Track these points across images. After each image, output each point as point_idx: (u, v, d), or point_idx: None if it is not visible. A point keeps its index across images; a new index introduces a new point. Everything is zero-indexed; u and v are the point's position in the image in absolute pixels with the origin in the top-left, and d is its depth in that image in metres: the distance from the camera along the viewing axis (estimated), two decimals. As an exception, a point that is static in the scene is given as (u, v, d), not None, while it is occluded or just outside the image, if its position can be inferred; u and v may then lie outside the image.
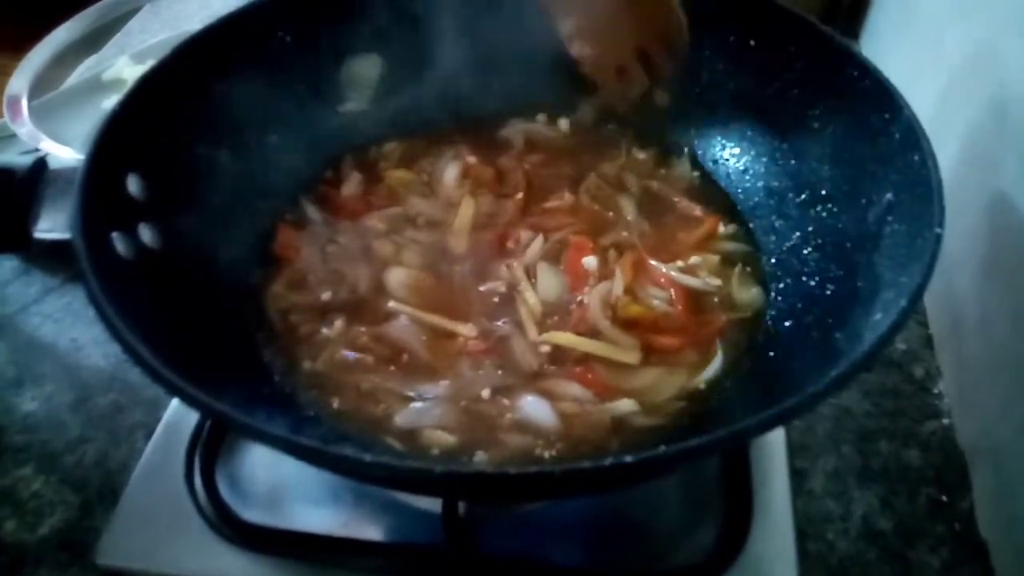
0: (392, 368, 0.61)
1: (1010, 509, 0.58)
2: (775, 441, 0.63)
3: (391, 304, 0.64)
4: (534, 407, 0.57)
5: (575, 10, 0.71)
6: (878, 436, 0.66)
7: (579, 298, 0.64)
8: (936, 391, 0.69)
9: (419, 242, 0.69)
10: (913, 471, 0.64)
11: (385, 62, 0.78)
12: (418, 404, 0.58)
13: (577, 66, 0.74)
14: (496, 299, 0.65)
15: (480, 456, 0.55)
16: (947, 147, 0.52)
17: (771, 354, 0.59)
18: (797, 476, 0.63)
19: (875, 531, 0.60)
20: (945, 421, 0.67)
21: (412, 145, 0.79)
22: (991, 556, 0.58)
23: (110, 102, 0.87)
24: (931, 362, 0.71)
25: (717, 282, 0.65)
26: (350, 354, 0.61)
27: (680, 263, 0.67)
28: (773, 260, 0.67)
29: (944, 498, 0.62)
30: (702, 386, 0.59)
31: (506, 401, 0.58)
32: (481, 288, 0.66)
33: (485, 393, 0.58)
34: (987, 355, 0.64)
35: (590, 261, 0.66)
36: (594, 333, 0.62)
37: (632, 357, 0.60)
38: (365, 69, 0.78)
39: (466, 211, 0.72)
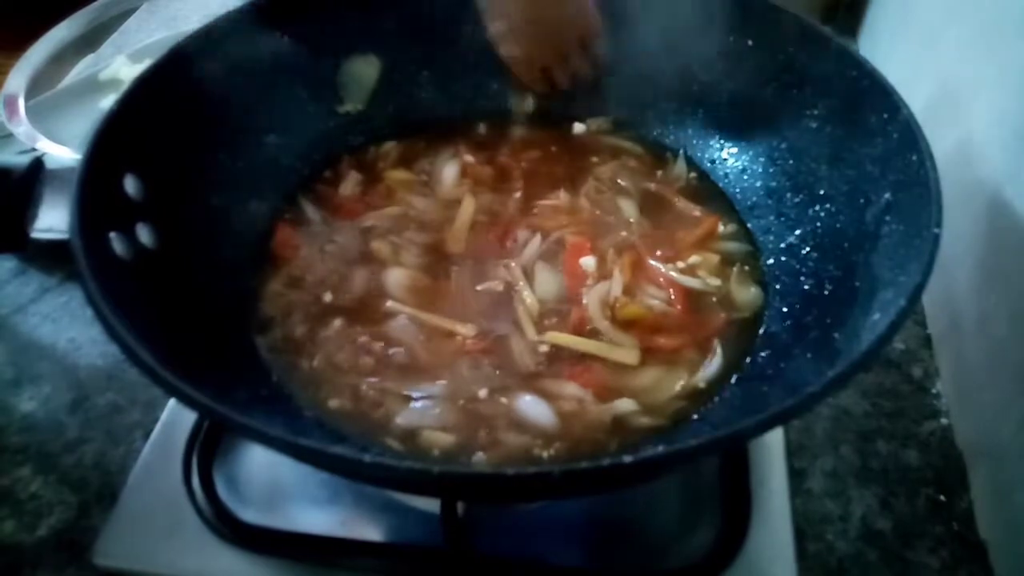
0: (390, 368, 0.60)
1: (1008, 509, 0.58)
2: (774, 441, 0.63)
3: (389, 304, 0.64)
4: (532, 407, 0.57)
5: (504, 14, 0.75)
6: (877, 436, 0.66)
7: (580, 298, 0.64)
8: (935, 391, 0.69)
9: (417, 242, 0.69)
10: (912, 471, 0.64)
11: (383, 62, 0.78)
12: (417, 404, 0.58)
13: (506, 65, 0.78)
14: (494, 299, 0.65)
15: (479, 456, 0.55)
16: (945, 147, 0.52)
17: (770, 354, 0.59)
18: (796, 476, 0.63)
19: (874, 531, 0.60)
20: (944, 421, 0.67)
21: (410, 145, 0.79)
22: (990, 556, 0.58)
23: (107, 101, 0.87)
24: (929, 362, 0.71)
25: (716, 282, 0.65)
26: (348, 354, 0.61)
27: (680, 263, 0.67)
28: (771, 260, 0.67)
29: (943, 498, 0.62)
30: (702, 386, 0.59)
31: (504, 400, 0.58)
32: (479, 288, 0.66)
33: (483, 393, 0.58)
34: (986, 355, 0.64)
35: (588, 261, 0.66)
36: (593, 333, 0.62)
37: (631, 357, 0.60)
38: (363, 70, 0.78)
39: (467, 209, 0.72)
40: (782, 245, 0.66)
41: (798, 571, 0.56)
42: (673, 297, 0.64)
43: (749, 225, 0.70)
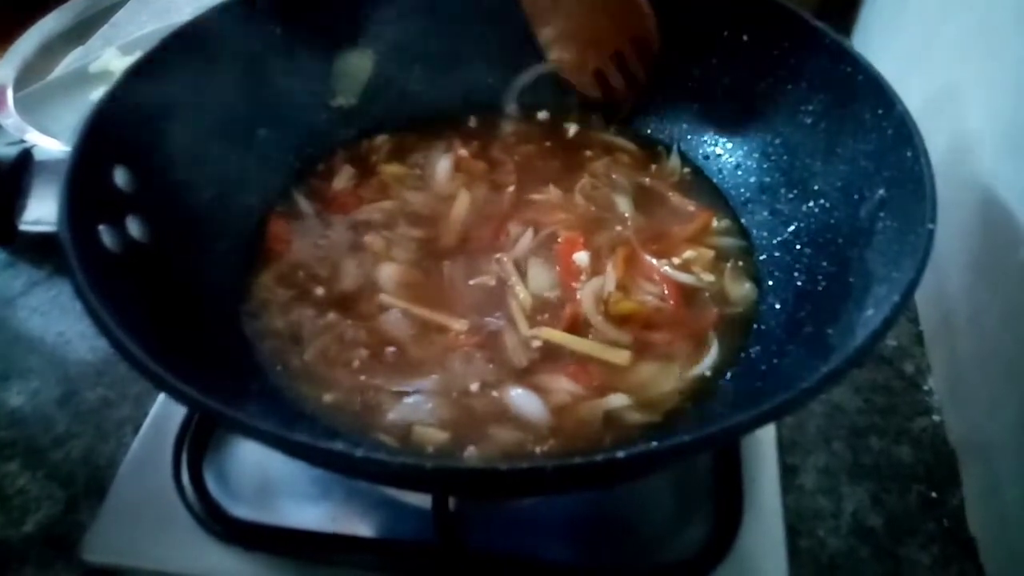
0: (383, 363, 0.60)
1: (999, 506, 0.58)
2: (766, 437, 0.63)
3: (382, 297, 0.64)
4: (524, 400, 0.57)
5: (553, 18, 0.74)
6: (869, 432, 0.66)
7: (574, 293, 0.64)
8: (927, 388, 0.69)
9: (411, 237, 0.69)
10: (904, 468, 0.64)
11: (377, 56, 0.78)
12: (409, 399, 0.58)
13: (557, 71, 0.78)
14: (487, 294, 0.64)
15: (471, 451, 0.55)
16: (939, 143, 0.52)
17: (763, 349, 0.59)
18: (788, 472, 0.63)
19: (865, 528, 0.60)
20: (935, 418, 0.67)
21: (403, 139, 0.79)
22: (980, 553, 0.58)
23: (97, 94, 0.86)
24: (922, 359, 0.72)
25: (710, 278, 0.65)
26: (340, 348, 0.61)
27: (674, 259, 0.66)
28: (765, 256, 0.66)
29: (934, 495, 0.62)
30: (695, 382, 0.59)
31: (496, 394, 0.58)
32: (472, 282, 0.65)
33: (475, 387, 0.58)
34: (977, 352, 0.64)
35: (581, 256, 0.66)
36: (586, 328, 0.62)
37: (622, 358, 0.60)
38: (357, 63, 0.78)
39: (461, 204, 0.71)
40: (776, 241, 0.66)
41: (790, 567, 0.55)
42: (667, 292, 0.64)
43: (743, 220, 0.70)
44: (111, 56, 1.02)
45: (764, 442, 0.62)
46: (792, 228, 0.65)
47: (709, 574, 0.55)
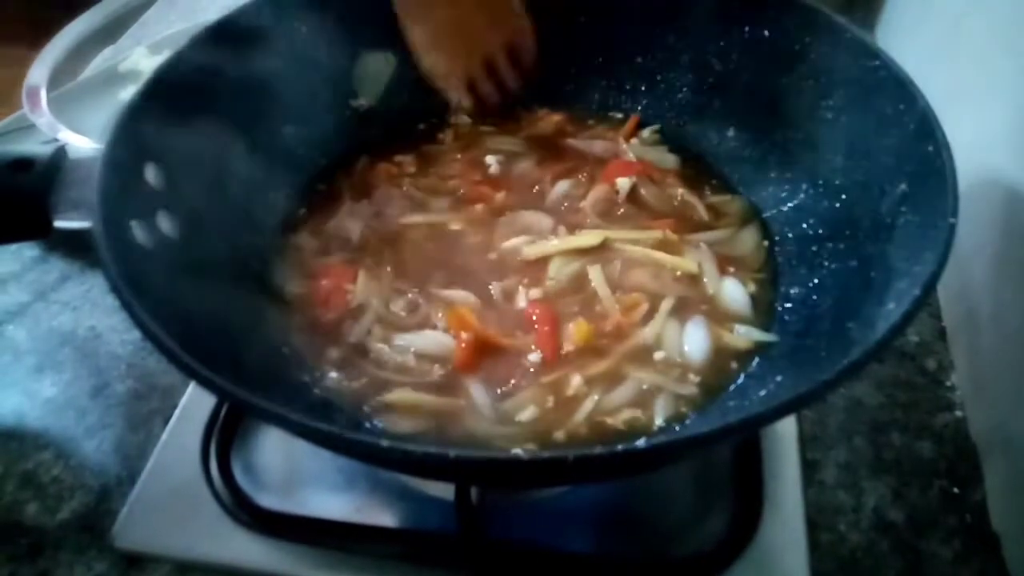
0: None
1: (1022, 501, 0.57)
2: (787, 431, 0.63)
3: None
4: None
5: (420, 17, 0.72)
6: (890, 428, 0.66)
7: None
8: (949, 383, 0.69)
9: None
10: (925, 463, 0.63)
11: (399, 59, 0.78)
12: None
13: (430, 81, 0.76)
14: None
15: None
16: (962, 138, 0.52)
17: (784, 344, 0.60)
18: (808, 467, 0.63)
19: (886, 522, 0.60)
20: (958, 413, 0.67)
21: (427, 140, 0.79)
22: (1003, 548, 0.58)
23: (127, 93, 0.88)
24: (944, 354, 0.71)
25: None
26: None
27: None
28: (785, 250, 0.66)
29: (956, 490, 0.62)
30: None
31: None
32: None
33: None
34: (1000, 347, 0.63)
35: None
36: None
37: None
38: (378, 66, 0.79)
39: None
40: (796, 235, 0.66)
41: (810, 561, 0.56)
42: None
43: (764, 216, 0.70)
44: (140, 55, 1.04)
45: (785, 436, 0.62)
46: (813, 223, 0.65)
47: (729, 567, 0.55)
